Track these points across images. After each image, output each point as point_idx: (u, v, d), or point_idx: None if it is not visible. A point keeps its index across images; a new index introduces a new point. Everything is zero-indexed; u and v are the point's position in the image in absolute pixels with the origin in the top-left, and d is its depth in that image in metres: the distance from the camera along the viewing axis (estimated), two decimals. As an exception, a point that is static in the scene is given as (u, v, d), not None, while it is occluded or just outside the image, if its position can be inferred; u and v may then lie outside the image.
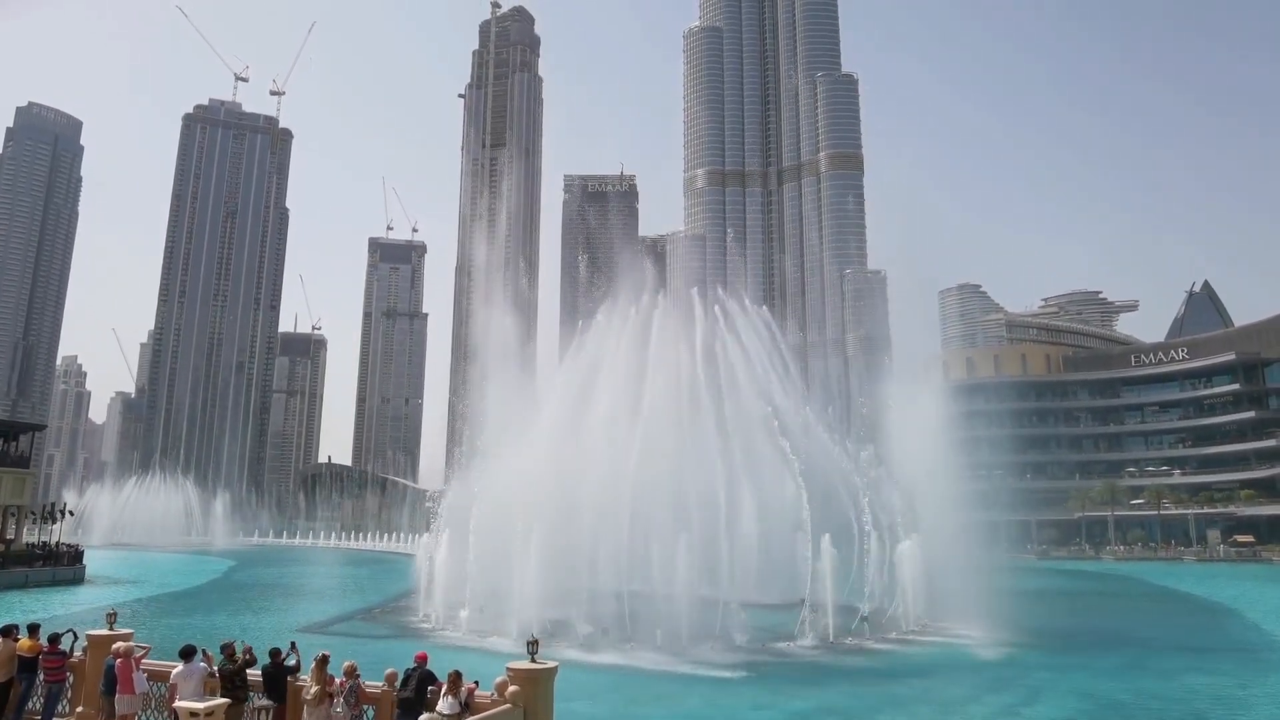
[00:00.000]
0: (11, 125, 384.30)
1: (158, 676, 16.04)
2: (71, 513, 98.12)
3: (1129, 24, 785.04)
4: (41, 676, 16.41)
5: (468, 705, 14.03)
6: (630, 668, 35.36)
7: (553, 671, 14.78)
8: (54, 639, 16.63)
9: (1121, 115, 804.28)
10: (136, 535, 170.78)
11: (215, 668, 15.49)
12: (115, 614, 17.77)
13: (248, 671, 15.37)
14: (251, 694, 15.33)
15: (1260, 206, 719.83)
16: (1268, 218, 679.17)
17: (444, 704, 13.89)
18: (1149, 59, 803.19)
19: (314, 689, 14.57)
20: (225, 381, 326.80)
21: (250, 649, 15.68)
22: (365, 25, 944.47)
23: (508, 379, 60.25)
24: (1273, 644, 46.37)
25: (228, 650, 15.46)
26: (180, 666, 14.95)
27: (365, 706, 15.09)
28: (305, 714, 14.60)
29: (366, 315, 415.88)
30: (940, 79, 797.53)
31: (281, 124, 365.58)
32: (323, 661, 14.78)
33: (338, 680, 14.87)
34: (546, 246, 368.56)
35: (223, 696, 14.76)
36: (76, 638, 17.40)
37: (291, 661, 15.57)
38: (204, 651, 15.41)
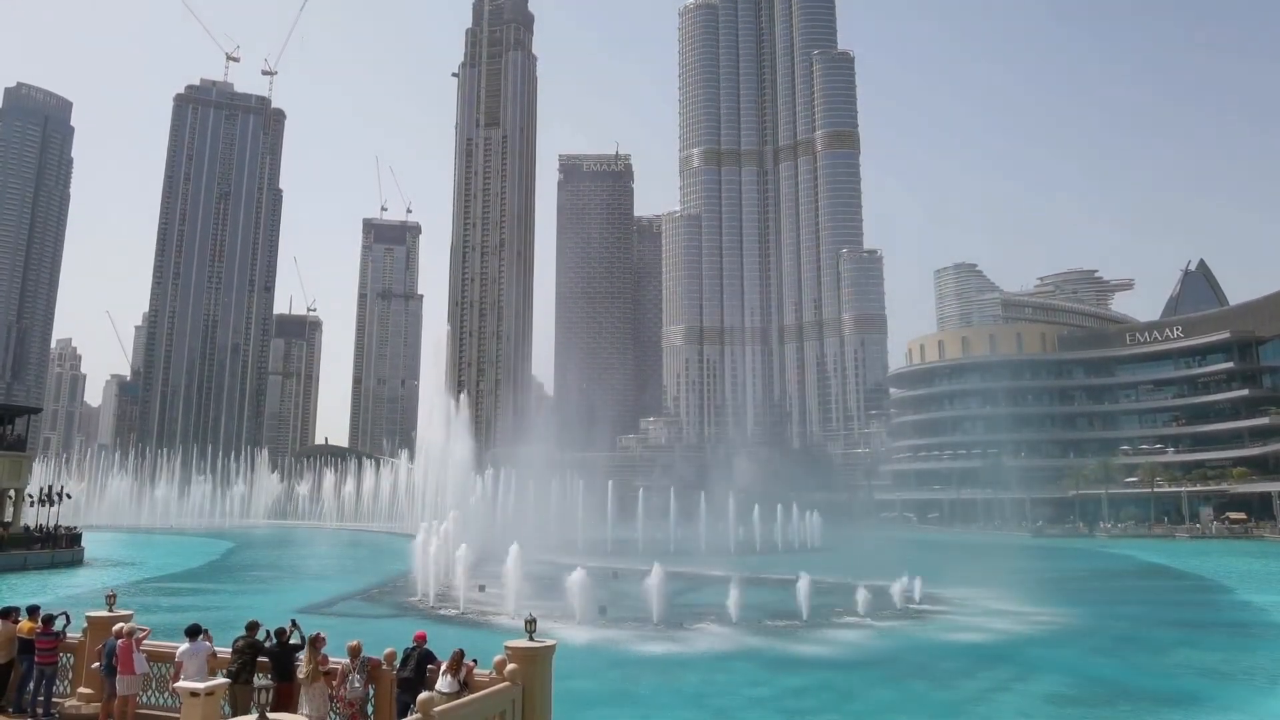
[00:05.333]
0: (0, 106, 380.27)
1: (158, 657, 16.14)
2: (69, 495, 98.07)
3: (1125, 8, 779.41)
4: (35, 659, 16.48)
5: (466, 684, 14.14)
6: (627, 645, 35.63)
7: (551, 649, 14.88)
8: (46, 620, 16.70)
9: (1118, 95, 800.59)
10: (143, 518, 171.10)
11: (215, 648, 15.59)
12: (115, 595, 17.82)
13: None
14: (256, 674, 15.44)
15: (1256, 186, 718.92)
16: (1263, 197, 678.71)
17: (443, 682, 13.99)
18: (1145, 40, 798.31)
19: (306, 668, 14.66)
20: (220, 364, 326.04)
21: (270, 631, 15.79)
22: (358, 3, 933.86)
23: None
24: (1263, 620, 46.84)
25: (252, 628, 15.59)
26: (185, 645, 15.05)
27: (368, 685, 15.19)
28: (301, 693, 14.71)
29: (361, 296, 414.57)
30: (937, 60, 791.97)
31: (274, 104, 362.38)
32: (315, 641, 14.85)
33: (332, 660, 14.95)
34: (542, 227, 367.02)
35: (236, 672, 14.88)
36: (69, 620, 17.46)
37: (295, 640, 15.67)
38: (205, 631, 15.50)
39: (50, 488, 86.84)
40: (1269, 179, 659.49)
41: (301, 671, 14.69)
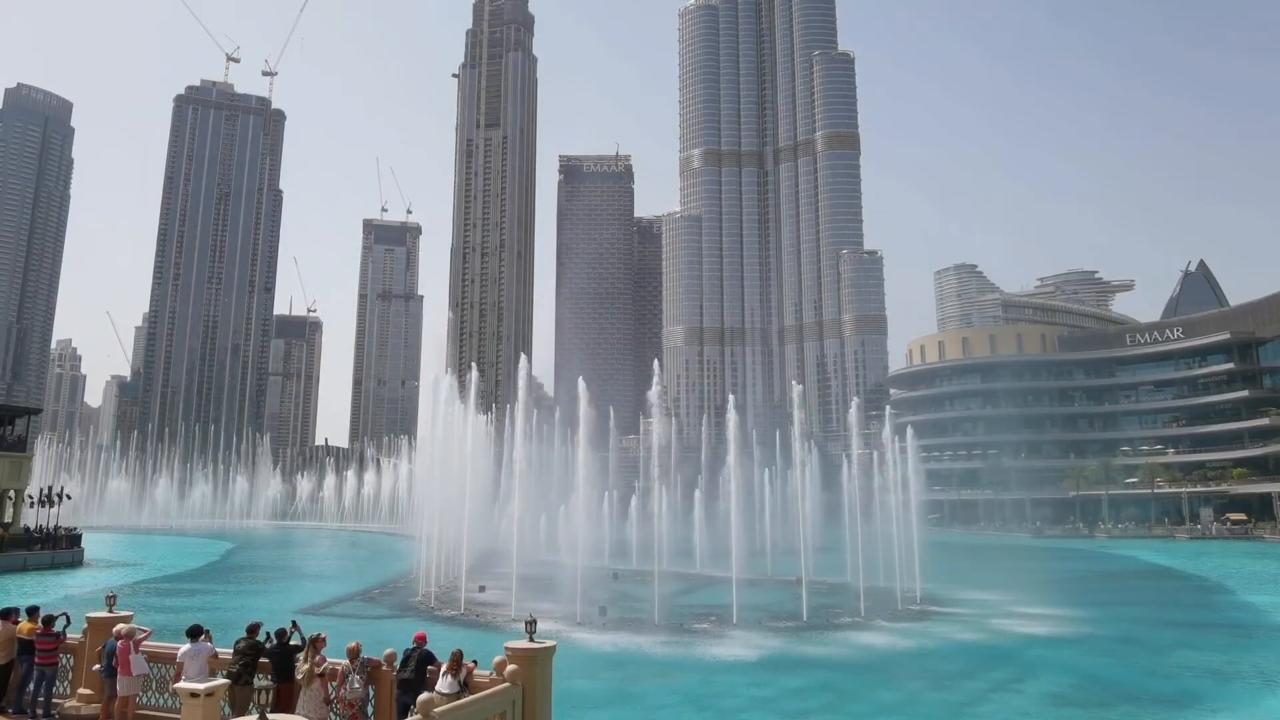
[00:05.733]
0: (1, 107, 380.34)
1: (159, 658, 16.13)
2: (69, 496, 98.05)
3: (1123, 12, 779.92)
4: (35, 659, 16.46)
5: (467, 684, 14.13)
6: (628, 645, 35.62)
7: (551, 650, 14.88)
8: (47, 621, 16.69)
9: (1118, 96, 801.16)
10: (143, 518, 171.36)
11: (216, 648, 15.58)
12: (114, 596, 17.81)
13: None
14: (256, 674, 15.44)
15: (1256, 186, 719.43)
16: (1264, 197, 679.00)
17: (444, 683, 13.98)
18: (1146, 41, 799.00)
19: (303, 669, 14.64)
20: (221, 364, 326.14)
21: (270, 633, 15.79)
22: (358, 4, 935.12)
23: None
24: (1264, 621, 46.80)
25: (253, 630, 15.58)
26: (187, 646, 15.04)
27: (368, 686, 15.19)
28: (300, 694, 14.70)
29: (361, 297, 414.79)
30: (937, 61, 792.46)
31: (274, 105, 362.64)
32: (315, 642, 14.84)
33: (331, 660, 14.93)
34: (542, 228, 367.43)
35: (236, 674, 14.86)
36: (69, 620, 17.45)
37: (295, 641, 15.67)
38: (207, 632, 15.49)
39: (50, 488, 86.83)
40: (1269, 180, 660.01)
41: (299, 672, 14.68)
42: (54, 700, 16.59)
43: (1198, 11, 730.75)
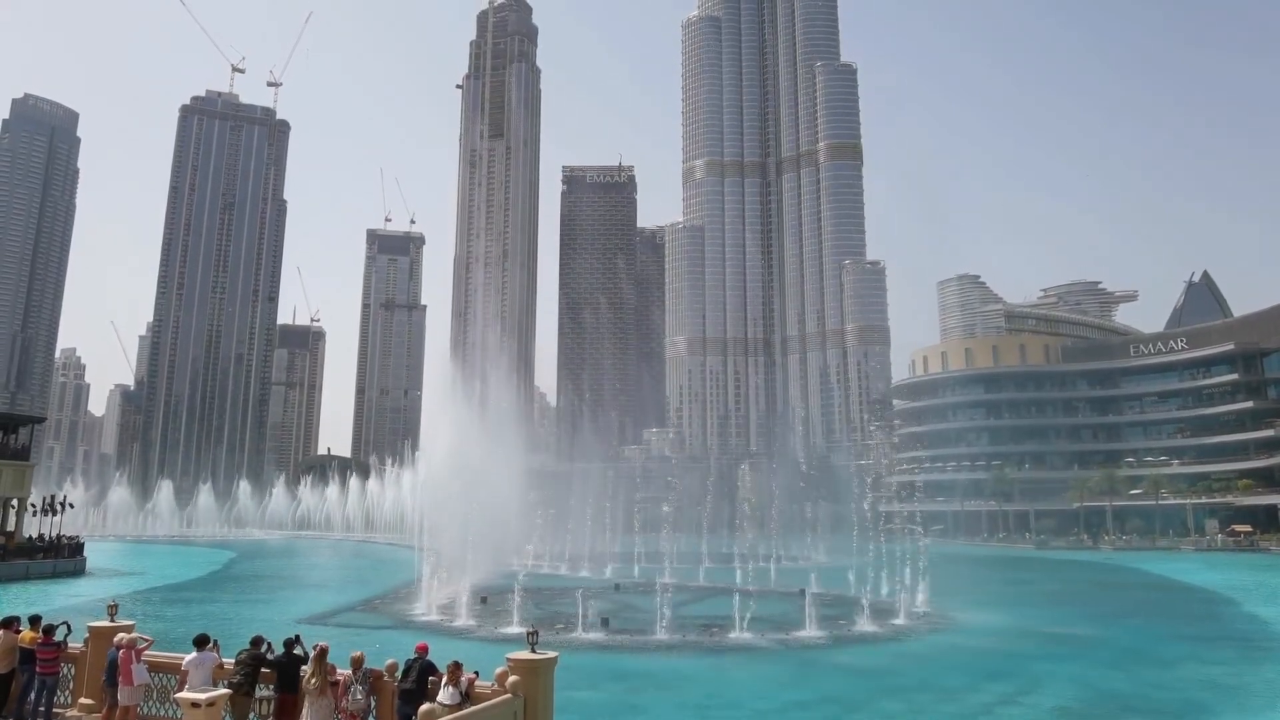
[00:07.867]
0: (7, 117, 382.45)
1: (160, 668, 16.09)
2: (72, 505, 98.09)
3: (1127, 18, 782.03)
4: (36, 669, 16.44)
5: (468, 695, 14.09)
6: (630, 656, 35.49)
7: (553, 661, 14.83)
8: (48, 630, 16.67)
9: (1121, 106, 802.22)
10: (146, 528, 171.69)
11: (221, 658, 15.55)
12: (116, 605, 17.78)
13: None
14: (258, 684, 15.38)
15: (1260, 196, 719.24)
16: (1268, 207, 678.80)
17: (445, 694, 13.95)
18: (1147, 50, 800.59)
19: (314, 680, 14.60)
20: (224, 373, 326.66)
21: (269, 644, 15.76)
22: (363, 15, 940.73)
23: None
24: (1270, 633, 46.51)
25: (256, 643, 15.57)
26: (192, 655, 15.02)
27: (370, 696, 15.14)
28: (306, 705, 14.64)
29: (365, 307, 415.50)
30: (941, 71, 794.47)
31: (279, 115, 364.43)
32: (322, 653, 14.81)
33: (340, 671, 14.90)
34: (545, 238, 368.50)
35: (238, 684, 14.82)
36: (70, 629, 17.43)
37: (298, 652, 15.64)
38: (214, 642, 15.47)
39: (53, 497, 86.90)
40: (1274, 189, 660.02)
41: (309, 684, 14.64)
42: (55, 710, 16.56)
43: (1206, 19, 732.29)
